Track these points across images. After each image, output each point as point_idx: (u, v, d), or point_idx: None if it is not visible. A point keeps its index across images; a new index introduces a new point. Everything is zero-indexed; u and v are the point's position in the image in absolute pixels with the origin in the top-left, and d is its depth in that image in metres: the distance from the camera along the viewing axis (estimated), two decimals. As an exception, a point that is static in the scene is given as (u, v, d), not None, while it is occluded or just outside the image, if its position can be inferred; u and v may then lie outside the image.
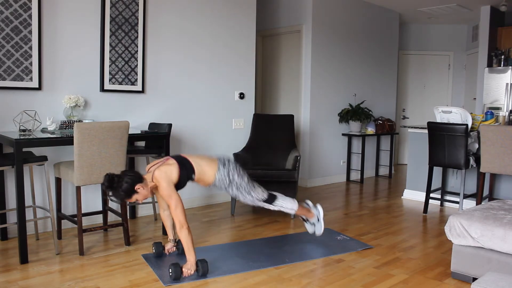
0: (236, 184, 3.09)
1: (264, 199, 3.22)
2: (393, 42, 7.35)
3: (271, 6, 6.42)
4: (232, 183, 3.08)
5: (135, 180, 2.80)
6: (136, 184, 2.80)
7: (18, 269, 2.95)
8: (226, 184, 3.08)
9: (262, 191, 3.22)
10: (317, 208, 3.53)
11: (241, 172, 3.13)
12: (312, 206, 3.56)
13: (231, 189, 3.10)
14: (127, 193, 2.78)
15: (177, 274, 2.77)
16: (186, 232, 2.81)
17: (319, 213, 3.51)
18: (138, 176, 2.84)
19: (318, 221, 3.52)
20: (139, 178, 2.83)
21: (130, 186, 2.77)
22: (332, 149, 6.38)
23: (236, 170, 3.10)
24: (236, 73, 5.10)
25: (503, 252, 2.68)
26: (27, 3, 3.54)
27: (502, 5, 6.15)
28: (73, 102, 3.69)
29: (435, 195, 5.03)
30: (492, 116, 4.75)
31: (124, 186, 2.76)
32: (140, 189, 2.82)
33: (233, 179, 3.08)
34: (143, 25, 4.22)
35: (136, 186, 2.80)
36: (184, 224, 2.81)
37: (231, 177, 3.07)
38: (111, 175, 2.77)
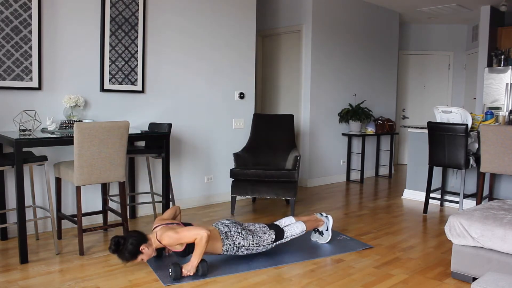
0: (244, 247, 3.09)
1: (273, 240, 3.19)
2: (393, 42, 7.35)
3: (271, 6, 6.42)
4: (240, 248, 3.08)
5: (139, 241, 2.84)
6: (141, 245, 2.84)
7: (18, 269, 2.95)
8: (235, 251, 3.08)
9: (268, 235, 3.17)
10: (328, 218, 3.57)
11: (242, 233, 3.10)
12: (324, 215, 3.60)
13: (242, 252, 3.10)
14: (132, 254, 2.82)
15: (177, 274, 2.77)
16: (206, 241, 2.81)
17: (328, 222, 3.55)
18: (142, 237, 2.88)
19: (327, 230, 3.55)
20: (143, 239, 2.87)
21: (135, 248, 2.81)
22: (332, 149, 6.38)
23: (239, 234, 3.08)
24: (236, 73, 5.10)
25: (503, 252, 2.67)
26: (27, 3, 3.54)
27: (502, 5, 6.15)
28: (73, 102, 3.69)
29: (435, 195, 5.03)
30: (492, 116, 4.75)
31: (129, 248, 2.80)
32: (145, 250, 2.85)
33: (239, 245, 3.07)
34: (143, 25, 4.22)
35: (141, 247, 2.83)
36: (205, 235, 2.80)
37: (237, 244, 3.06)
38: (116, 239, 2.80)
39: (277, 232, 3.22)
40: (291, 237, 3.28)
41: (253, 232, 3.16)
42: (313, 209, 4.77)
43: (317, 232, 3.58)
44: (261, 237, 3.15)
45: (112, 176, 3.30)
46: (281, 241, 3.25)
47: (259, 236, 3.14)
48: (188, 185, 4.73)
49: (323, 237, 3.56)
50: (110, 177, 3.29)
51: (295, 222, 3.37)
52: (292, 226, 3.32)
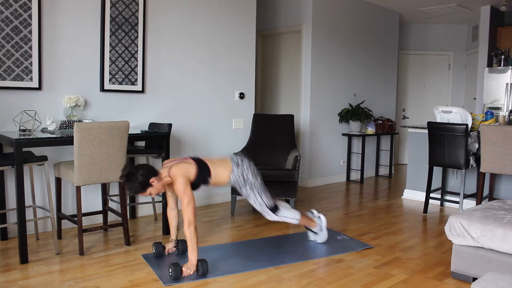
0: (250, 184, 3.11)
1: (271, 207, 3.21)
2: (393, 42, 7.35)
3: (271, 6, 6.42)
4: (247, 182, 3.10)
5: (150, 173, 2.85)
6: (151, 177, 2.84)
7: (18, 269, 2.95)
8: (241, 184, 3.11)
9: (271, 198, 3.24)
10: (321, 218, 3.55)
11: (255, 172, 3.16)
12: (316, 215, 3.58)
13: (245, 188, 3.12)
14: (142, 185, 2.82)
15: (177, 274, 2.77)
16: (193, 230, 2.83)
17: (321, 222, 3.54)
18: (153, 170, 2.89)
19: (321, 231, 3.55)
20: (153, 172, 2.88)
21: (145, 179, 2.82)
22: (332, 149, 6.38)
23: (250, 169, 3.13)
24: (236, 73, 5.10)
25: (503, 252, 2.68)
26: (27, 3, 3.54)
27: (502, 5, 6.15)
28: (73, 102, 3.69)
29: (435, 195, 5.03)
30: (492, 116, 4.75)
31: (139, 179, 2.80)
32: (155, 183, 2.86)
33: (247, 178, 3.10)
34: (143, 25, 4.22)
35: (151, 179, 2.84)
36: (193, 222, 2.84)
37: (245, 176, 3.09)
38: (129, 168, 2.83)
39: (275, 205, 3.25)
40: (284, 217, 3.25)
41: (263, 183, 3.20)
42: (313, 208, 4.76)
43: (312, 232, 3.58)
44: (266, 192, 3.19)
45: (112, 176, 3.30)
46: (273, 216, 3.23)
47: (265, 190, 3.19)
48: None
49: (319, 237, 3.56)
50: (110, 177, 3.30)
51: (291, 209, 3.34)
52: (288, 209, 3.31)
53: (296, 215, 3.32)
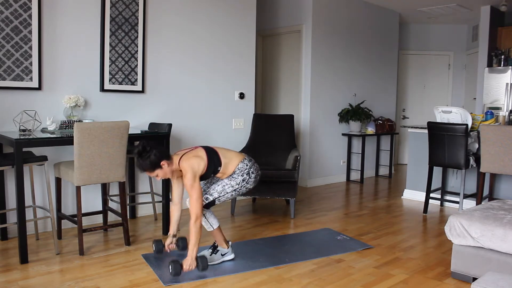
0: (245, 181, 3.05)
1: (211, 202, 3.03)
2: (393, 42, 7.35)
3: (271, 6, 6.42)
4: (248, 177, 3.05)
5: (163, 155, 2.84)
6: (163, 160, 2.83)
7: (18, 269, 2.95)
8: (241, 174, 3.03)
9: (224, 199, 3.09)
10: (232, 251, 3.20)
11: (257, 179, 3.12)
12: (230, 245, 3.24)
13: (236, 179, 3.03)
14: (152, 165, 2.81)
15: (177, 270, 2.77)
16: (199, 225, 2.82)
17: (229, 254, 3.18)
18: (166, 153, 2.88)
19: (220, 256, 3.14)
20: (167, 155, 2.87)
21: (158, 160, 2.81)
22: (332, 149, 6.38)
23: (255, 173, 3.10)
24: (236, 73, 5.10)
25: (503, 252, 2.68)
26: (27, 3, 3.54)
27: (502, 5, 6.15)
28: (73, 102, 3.69)
29: (435, 195, 5.03)
30: (492, 116, 4.75)
31: (152, 158, 2.79)
32: (165, 166, 2.85)
33: (249, 176, 3.06)
34: (143, 25, 4.22)
35: (162, 162, 2.83)
36: (200, 217, 2.82)
37: (250, 173, 3.06)
38: (145, 144, 2.81)
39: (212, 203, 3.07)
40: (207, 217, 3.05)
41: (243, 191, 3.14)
42: (313, 209, 4.77)
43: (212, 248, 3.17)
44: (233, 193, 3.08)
45: (112, 176, 3.30)
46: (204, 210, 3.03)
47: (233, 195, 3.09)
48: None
49: (211, 257, 3.11)
50: (110, 177, 3.30)
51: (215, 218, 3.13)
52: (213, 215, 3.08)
53: (215, 224, 3.08)
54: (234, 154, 3.09)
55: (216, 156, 3.00)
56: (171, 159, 2.90)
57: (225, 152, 3.06)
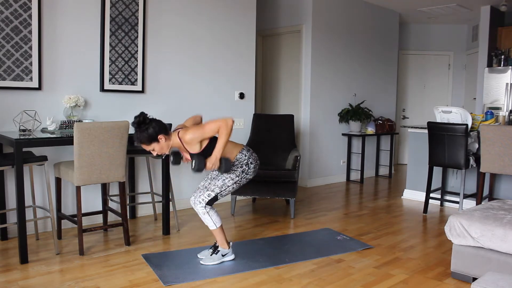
0: (244, 172, 3.04)
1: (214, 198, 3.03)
2: (393, 42, 7.35)
3: (271, 6, 6.42)
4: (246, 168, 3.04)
5: (161, 129, 2.83)
6: (161, 133, 2.82)
7: (18, 269, 2.95)
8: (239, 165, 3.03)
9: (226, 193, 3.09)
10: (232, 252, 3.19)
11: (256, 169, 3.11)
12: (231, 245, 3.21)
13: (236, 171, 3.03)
14: (149, 138, 2.80)
15: (201, 166, 2.77)
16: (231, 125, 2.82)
17: (229, 254, 3.16)
18: (165, 127, 2.87)
19: (221, 257, 3.12)
20: (165, 130, 2.86)
21: (155, 133, 2.80)
22: (332, 149, 6.38)
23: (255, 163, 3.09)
24: (236, 73, 5.10)
25: (503, 252, 2.68)
26: (27, 3, 3.54)
27: (502, 5, 6.15)
28: (73, 102, 3.69)
29: (435, 195, 5.03)
30: (492, 116, 4.75)
31: (150, 131, 2.78)
32: (162, 140, 2.83)
33: (248, 167, 3.05)
34: (143, 25, 4.22)
35: (159, 136, 2.82)
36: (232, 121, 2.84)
37: (249, 163, 3.05)
38: (145, 116, 2.80)
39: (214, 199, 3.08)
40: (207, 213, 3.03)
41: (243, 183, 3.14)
42: (313, 209, 4.77)
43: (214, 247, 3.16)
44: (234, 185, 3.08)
45: (112, 176, 3.30)
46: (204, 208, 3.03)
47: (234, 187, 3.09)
48: (188, 185, 4.73)
49: (212, 257, 3.11)
50: (110, 177, 3.30)
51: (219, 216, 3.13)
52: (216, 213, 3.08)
53: (218, 221, 3.08)
54: (233, 143, 3.10)
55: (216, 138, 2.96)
56: (169, 135, 2.89)
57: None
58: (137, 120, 2.80)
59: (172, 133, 2.94)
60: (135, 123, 2.80)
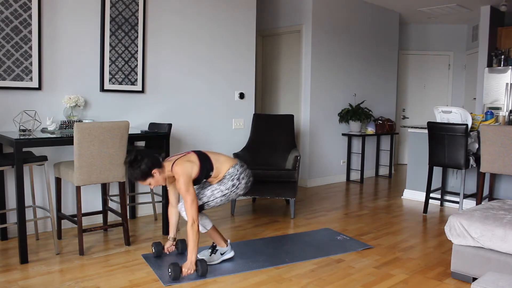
0: (235, 186, 3.02)
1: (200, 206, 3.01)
2: (393, 42, 7.35)
3: (271, 6, 6.42)
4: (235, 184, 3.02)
5: (154, 164, 2.82)
6: (154, 168, 2.82)
7: (18, 269, 2.95)
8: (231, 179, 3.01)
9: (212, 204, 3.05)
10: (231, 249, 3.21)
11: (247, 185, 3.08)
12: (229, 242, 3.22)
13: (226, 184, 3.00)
14: (143, 174, 2.80)
15: (176, 274, 2.77)
16: (196, 229, 2.80)
17: (229, 252, 3.18)
18: (157, 161, 2.86)
19: (220, 255, 3.14)
20: (158, 163, 2.85)
21: (148, 169, 2.80)
22: (332, 149, 6.38)
23: (247, 178, 3.07)
24: (236, 73, 5.10)
25: (503, 252, 2.68)
26: (27, 3, 3.54)
27: (502, 5, 6.15)
28: (73, 102, 3.70)
29: (435, 195, 5.03)
30: (492, 116, 4.75)
31: (142, 167, 2.78)
32: (156, 174, 2.84)
33: (240, 181, 3.03)
34: (143, 25, 4.22)
35: (153, 170, 2.82)
36: (196, 220, 2.80)
37: (240, 178, 3.03)
38: (136, 154, 2.80)
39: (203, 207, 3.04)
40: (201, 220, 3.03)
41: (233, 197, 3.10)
42: (313, 209, 4.77)
43: (211, 248, 3.17)
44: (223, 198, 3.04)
45: (112, 176, 3.30)
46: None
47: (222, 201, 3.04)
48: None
49: (211, 257, 3.12)
50: (110, 177, 3.29)
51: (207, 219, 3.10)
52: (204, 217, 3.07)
53: (207, 225, 3.06)
54: (226, 158, 3.08)
55: (208, 160, 2.98)
56: (162, 167, 2.88)
57: (217, 156, 3.05)
58: (129, 159, 2.79)
59: (166, 163, 2.91)
60: (127, 162, 2.78)
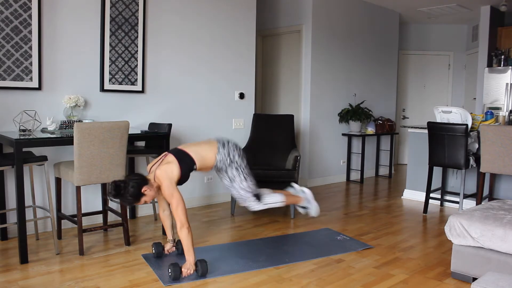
0: (237, 164, 3.04)
1: (255, 193, 3.14)
2: (393, 42, 7.35)
3: (271, 6, 6.42)
4: (233, 162, 3.04)
5: (140, 183, 2.81)
6: (143, 186, 2.81)
7: (18, 269, 2.95)
8: (226, 164, 3.02)
9: (253, 184, 3.16)
10: (304, 191, 3.47)
11: (241, 154, 3.11)
12: (298, 189, 3.48)
13: (231, 171, 3.04)
14: (135, 197, 2.80)
15: (176, 274, 2.77)
16: (186, 231, 2.80)
17: (306, 195, 3.46)
18: (142, 179, 2.85)
19: (309, 203, 3.47)
20: (144, 180, 2.84)
21: (137, 190, 2.79)
22: (332, 149, 6.38)
23: (236, 151, 3.08)
24: (236, 73, 5.10)
25: (503, 252, 2.68)
26: (27, 3, 3.54)
27: (502, 5, 6.15)
28: (73, 102, 3.70)
29: (435, 195, 5.03)
30: (492, 116, 4.75)
31: (131, 191, 2.77)
32: (147, 191, 2.83)
33: (233, 159, 3.04)
34: (143, 25, 4.22)
35: (143, 189, 2.81)
36: (185, 223, 2.80)
37: (231, 156, 3.03)
38: (116, 183, 2.77)
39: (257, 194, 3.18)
40: (268, 204, 3.20)
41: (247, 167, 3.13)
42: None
43: (302, 208, 3.51)
44: (250, 177, 3.11)
45: (112, 176, 3.30)
46: (258, 205, 3.17)
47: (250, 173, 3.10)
48: (188, 185, 4.72)
49: (311, 210, 3.47)
50: (110, 177, 3.29)
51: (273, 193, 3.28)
52: (271, 194, 3.25)
53: (280, 198, 3.25)
54: (207, 146, 3.04)
55: (186, 156, 2.96)
56: (149, 181, 2.88)
57: (195, 147, 3.03)
58: (112, 189, 2.76)
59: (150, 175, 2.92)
60: (111, 194, 2.77)
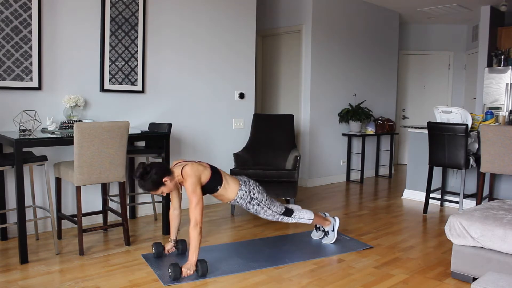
0: (257, 200, 3.19)
1: (282, 212, 3.28)
2: (393, 42, 7.35)
3: (271, 6, 6.42)
4: (254, 199, 3.18)
5: (164, 172, 2.88)
6: (165, 176, 2.87)
7: (18, 269, 2.95)
8: (247, 201, 3.17)
9: (280, 205, 3.31)
10: (335, 219, 3.60)
11: (260, 189, 3.23)
12: (329, 216, 3.64)
13: (252, 205, 3.20)
14: (155, 184, 2.86)
15: (176, 274, 2.77)
16: (198, 231, 2.84)
17: (335, 222, 3.58)
18: (166, 169, 2.92)
19: (332, 231, 3.57)
20: (167, 171, 2.91)
21: (159, 178, 2.85)
22: (332, 149, 6.39)
23: (256, 188, 3.21)
24: (236, 73, 5.10)
25: (503, 252, 2.68)
26: (27, 3, 3.54)
27: (502, 5, 6.15)
28: (73, 102, 3.70)
29: (435, 195, 5.03)
30: (492, 116, 4.75)
31: (153, 178, 2.83)
32: (167, 182, 2.89)
33: (254, 196, 3.18)
34: (143, 25, 4.22)
35: (164, 179, 2.87)
36: (199, 223, 2.85)
37: (252, 194, 3.17)
38: (145, 166, 2.85)
39: (286, 209, 3.32)
40: (298, 219, 3.35)
41: (269, 196, 3.29)
42: (313, 209, 4.77)
43: (323, 231, 3.62)
44: (273, 202, 3.26)
45: (112, 176, 3.30)
46: (288, 218, 3.32)
47: (272, 201, 3.26)
48: (188, 185, 4.73)
49: (328, 238, 3.57)
50: (110, 177, 3.30)
51: (303, 209, 3.42)
52: (302, 210, 3.38)
53: (310, 215, 3.38)
54: (231, 178, 3.19)
55: (219, 174, 3.10)
56: (172, 174, 2.94)
57: (225, 175, 3.18)
58: (139, 172, 2.83)
59: (175, 168, 2.99)
60: (137, 176, 2.84)
